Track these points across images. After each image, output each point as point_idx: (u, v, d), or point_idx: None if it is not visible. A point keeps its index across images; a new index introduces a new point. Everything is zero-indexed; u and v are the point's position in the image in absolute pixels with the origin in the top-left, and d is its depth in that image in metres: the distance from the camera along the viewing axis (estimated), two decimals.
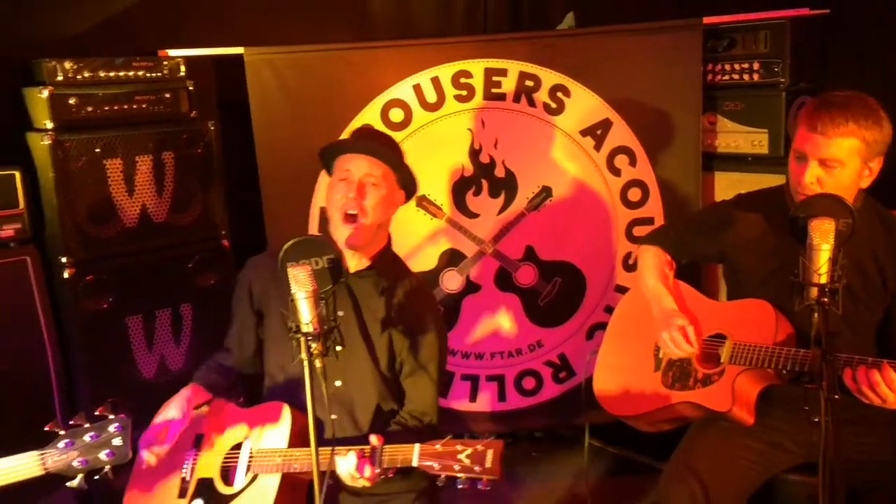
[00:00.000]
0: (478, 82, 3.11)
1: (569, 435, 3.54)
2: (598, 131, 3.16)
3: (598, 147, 3.17)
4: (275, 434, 1.99)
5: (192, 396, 2.06)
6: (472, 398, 3.28)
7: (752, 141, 3.13)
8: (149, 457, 1.96)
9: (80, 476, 1.67)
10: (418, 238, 3.19)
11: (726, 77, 3.18)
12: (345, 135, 3.02)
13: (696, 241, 2.38)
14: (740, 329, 2.17)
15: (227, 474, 2.02)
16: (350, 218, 2.03)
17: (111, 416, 1.69)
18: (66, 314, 2.73)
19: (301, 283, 1.73)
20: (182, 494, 2.04)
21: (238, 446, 2.04)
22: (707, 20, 3.09)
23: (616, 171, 3.18)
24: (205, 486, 2.02)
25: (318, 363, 1.71)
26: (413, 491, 2.08)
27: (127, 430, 1.67)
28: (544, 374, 3.29)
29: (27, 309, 2.64)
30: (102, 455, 1.66)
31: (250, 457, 1.99)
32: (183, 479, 2.06)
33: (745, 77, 3.13)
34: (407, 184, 2.16)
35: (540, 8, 3.93)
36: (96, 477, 1.69)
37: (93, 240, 2.71)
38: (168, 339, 2.93)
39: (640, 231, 3.17)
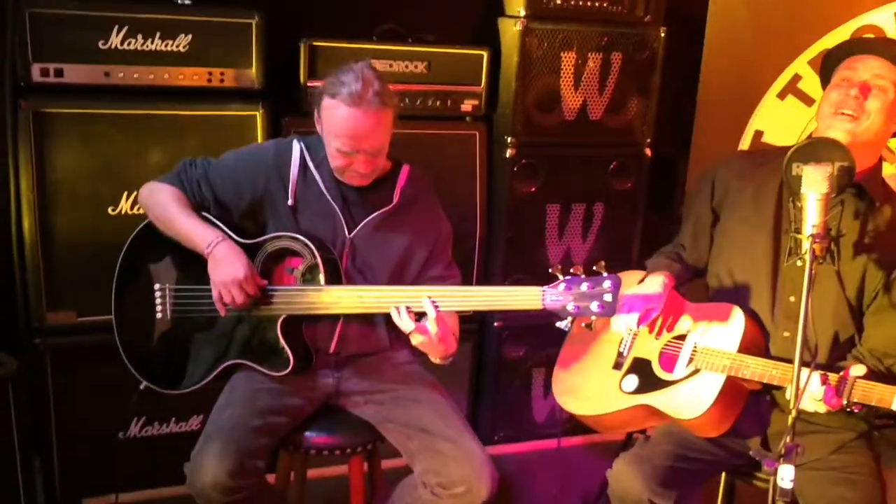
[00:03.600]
0: None
1: None
2: None
3: None
4: (723, 335, 1.99)
5: (669, 283, 2.10)
6: None
7: None
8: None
9: (568, 319, 1.80)
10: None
11: None
12: (804, 57, 2.84)
13: None
14: None
15: (667, 361, 2.07)
16: (845, 117, 1.89)
17: (605, 274, 1.78)
18: (498, 190, 2.96)
19: (815, 184, 1.67)
20: (617, 367, 2.13)
21: (681, 337, 2.07)
22: None
23: None
24: (641, 365, 2.09)
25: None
26: (853, 430, 1.97)
27: (618, 288, 1.76)
28: None
29: (469, 178, 2.90)
30: (593, 306, 1.76)
31: (694, 350, 2.02)
32: (619, 353, 2.15)
33: None
34: None
35: None
36: (584, 325, 1.81)
37: (535, 126, 2.88)
38: (577, 232, 3.06)
39: None
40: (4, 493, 2.27)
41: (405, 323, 1.86)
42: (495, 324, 3.04)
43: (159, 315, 2.09)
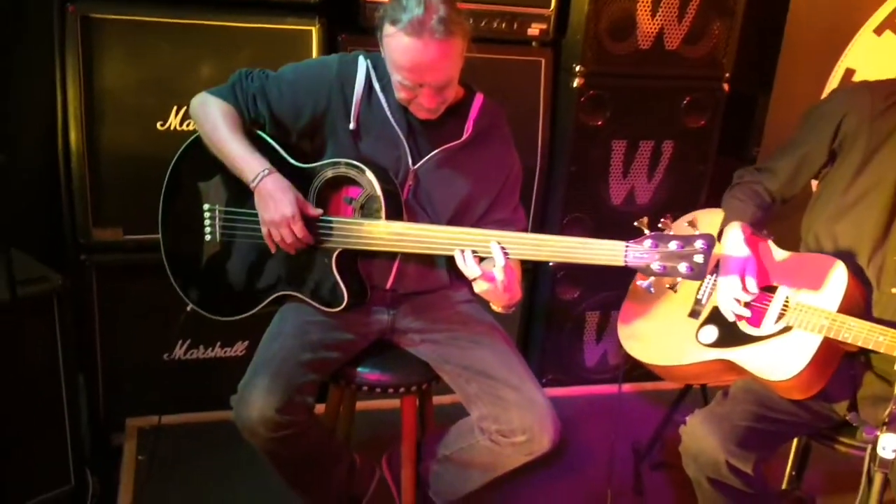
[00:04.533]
0: None
1: None
2: None
3: None
4: (821, 291, 1.82)
5: (748, 237, 1.92)
6: None
7: None
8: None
9: (651, 279, 1.65)
10: None
11: None
12: None
13: None
14: None
15: (752, 313, 1.91)
16: None
17: (698, 232, 1.62)
18: (562, 122, 2.79)
19: None
20: (693, 315, 1.99)
21: (769, 289, 1.91)
22: None
23: None
24: (722, 316, 1.94)
25: None
26: None
27: (711, 249, 1.59)
28: None
29: (530, 108, 2.74)
30: (681, 267, 1.60)
31: (785, 305, 1.86)
32: (697, 300, 2.00)
33: None
34: None
35: None
36: (667, 286, 1.65)
37: (606, 54, 2.68)
38: (643, 171, 2.89)
39: None
40: (48, 409, 2.24)
41: (470, 268, 1.72)
42: (550, 264, 2.91)
43: (208, 237, 1.99)
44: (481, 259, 1.75)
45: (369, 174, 1.82)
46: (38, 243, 2.44)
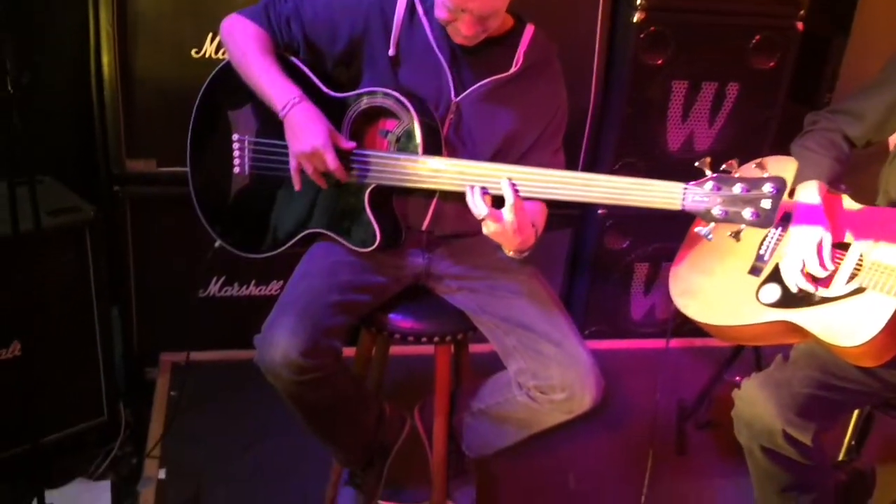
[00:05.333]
0: None
1: None
2: None
3: None
4: None
5: (825, 195, 1.76)
6: None
7: None
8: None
9: (711, 225, 1.49)
10: None
11: None
12: None
13: None
14: None
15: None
16: None
17: (767, 175, 1.45)
18: (619, 60, 2.62)
19: None
20: (754, 272, 1.83)
21: (842, 246, 1.75)
22: None
23: None
24: None
25: None
26: None
27: (781, 194, 1.42)
28: None
29: (585, 44, 2.58)
30: (746, 213, 1.44)
31: (858, 264, 1.70)
32: (759, 256, 1.85)
33: None
34: None
35: None
36: (729, 234, 1.49)
37: None
38: (704, 115, 2.71)
39: None
40: (81, 341, 2.23)
41: (478, 207, 1.58)
42: (599, 211, 2.78)
43: (237, 169, 1.89)
44: (496, 202, 1.61)
45: (407, 105, 1.69)
46: (74, 173, 2.40)
